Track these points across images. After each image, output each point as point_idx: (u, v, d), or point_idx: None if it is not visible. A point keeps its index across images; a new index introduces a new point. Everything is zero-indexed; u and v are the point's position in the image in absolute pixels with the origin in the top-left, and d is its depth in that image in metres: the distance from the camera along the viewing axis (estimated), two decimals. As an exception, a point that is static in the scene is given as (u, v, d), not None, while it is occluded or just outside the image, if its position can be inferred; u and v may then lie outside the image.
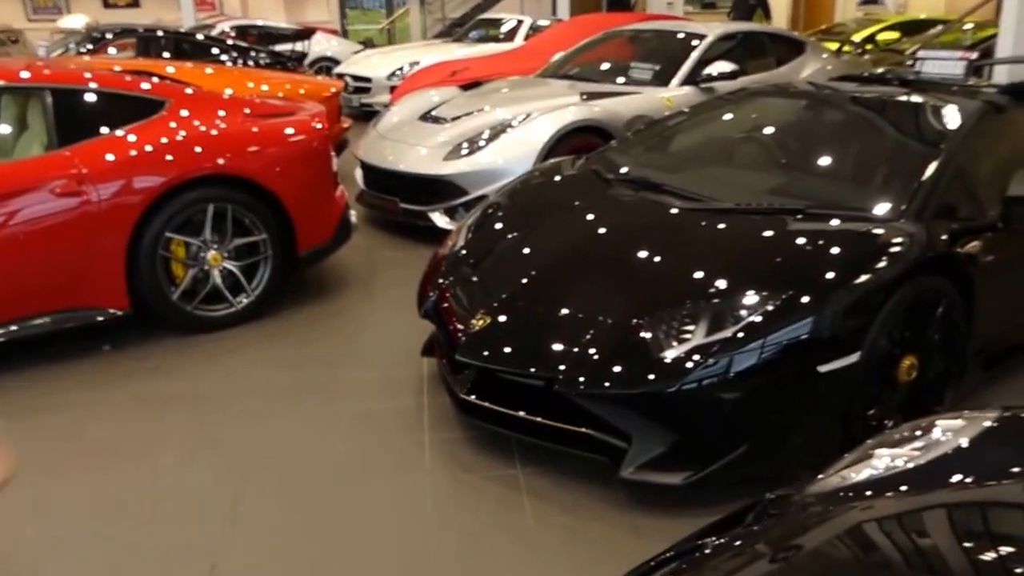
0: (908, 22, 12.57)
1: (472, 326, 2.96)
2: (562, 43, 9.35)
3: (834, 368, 2.54)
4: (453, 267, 3.39)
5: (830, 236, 2.81)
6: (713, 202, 3.20)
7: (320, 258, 4.66)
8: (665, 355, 2.54)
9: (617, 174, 3.64)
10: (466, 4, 18.72)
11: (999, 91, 3.72)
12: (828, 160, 3.57)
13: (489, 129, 5.57)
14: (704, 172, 3.68)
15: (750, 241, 2.87)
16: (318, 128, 4.56)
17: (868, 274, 2.64)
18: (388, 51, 12.73)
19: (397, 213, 5.72)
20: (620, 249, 3.05)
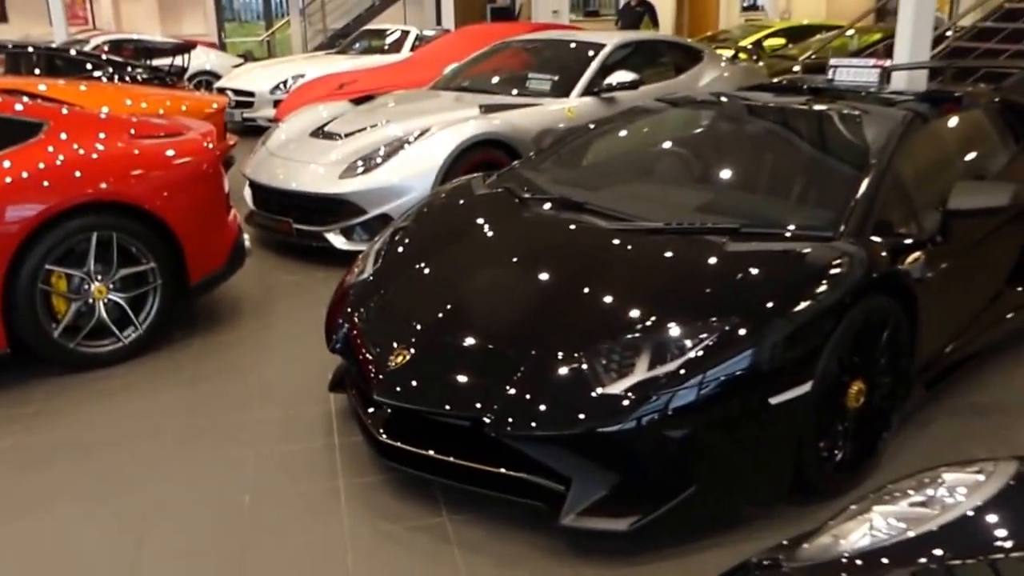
0: (792, 28, 13.02)
1: (389, 362, 2.74)
2: (451, 54, 9.20)
3: (786, 399, 2.44)
4: (363, 296, 3.16)
5: (772, 259, 2.72)
6: (641, 221, 3.08)
7: (213, 286, 4.32)
8: (606, 391, 2.38)
9: (533, 193, 3.48)
10: (347, 15, 18.37)
11: (917, 99, 3.77)
12: (757, 175, 3.51)
13: (385, 145, 5.34)
14: (626, 189, 3.56)
15: (687, 265, 2.76)
16: (208, 148, 4.24)
17: (816, 300, 2.54)
18: (270, 64, 12.28)
19: (290, 234, 5.42)
20: (546, 275, 2.89)
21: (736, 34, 13.98)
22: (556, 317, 2.67)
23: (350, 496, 2.85)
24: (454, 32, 10.84)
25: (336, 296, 3.37)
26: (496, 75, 6.95)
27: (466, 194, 3.67)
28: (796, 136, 3.64)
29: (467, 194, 3.67)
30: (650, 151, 3.90)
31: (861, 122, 3.50)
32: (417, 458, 2.70)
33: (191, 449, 3.16)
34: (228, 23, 20.13)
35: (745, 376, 2.40)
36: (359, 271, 3.41)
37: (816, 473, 2.65)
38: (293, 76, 10.82)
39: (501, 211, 3.40)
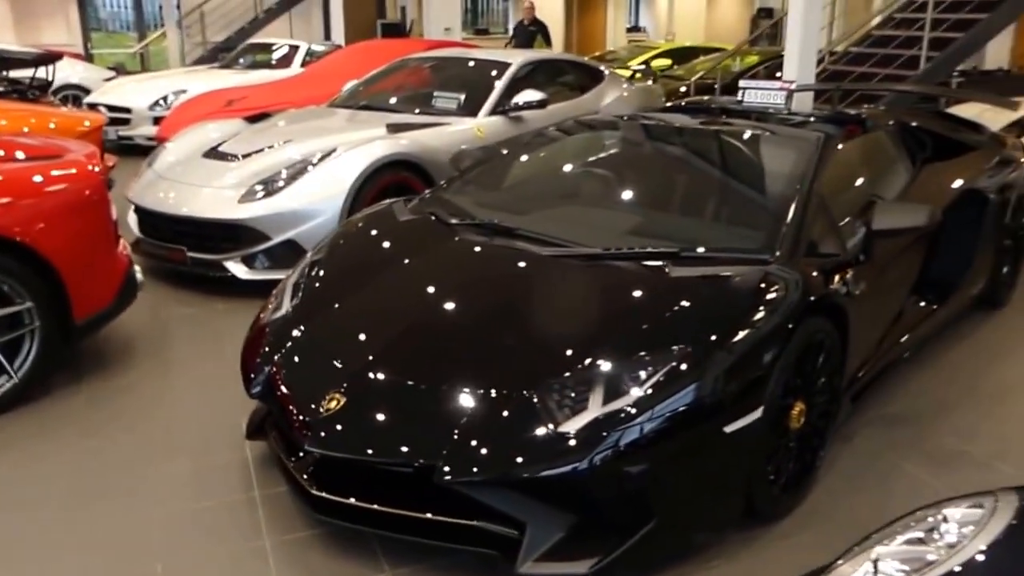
0: (677, 49, 13.37)
1: (320, 408, 2.51)
2: (346, 70, 8.94)
3: (740, 427, 2.38)
4: (283, 335, 2.92)
5: (717, 287, 2.66)
6: (577, 247, 2.97)
7: (101, 325, 3.95)
8: (561, 429, 2.26)
9: (461, 219, 3.33)
10: (229, 27, 17.73)
11: (824, 120, 3.83)
12: (686, 198, 3.47)
13: (287, 167, 5.07)
14: (555, 212, 3.46)
15: (631, 293, 2.67)
16: (93, 172, 3.87)
17: (764, 326, 2.51)
18: (147, 78, 11.64)
19: (185, 263, 5.05)
20: (486, 308, 2.74)
21: (623, 55, 14.27)
22: (501, 353, 2.54)
23: (279, 556, 2.60)
24: (348, 48, 10.58)
25: (252, 335, 3.11)
26: (399, 93, 6.76)
27: (389, 221, 3.48)
28: (721, 158, 3.64)
29: (390, 221, 3.48)
30: (576, 173, 3.82)
31: (781, 143, 3.54)
32: (353, 510, 2.49)
33: (85, 516, 2.83)
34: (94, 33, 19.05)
35: (700, 406, 2.34)
36: (275, 307, 3.16)
37: (763, 496, 2.63)
38: (174, 91, 10.27)
39: (429, 239, 3.23)
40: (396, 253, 3.19)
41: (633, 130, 3.90)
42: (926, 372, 3.86)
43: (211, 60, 16.12)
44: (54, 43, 15.05)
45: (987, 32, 8.30)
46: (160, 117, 9.82)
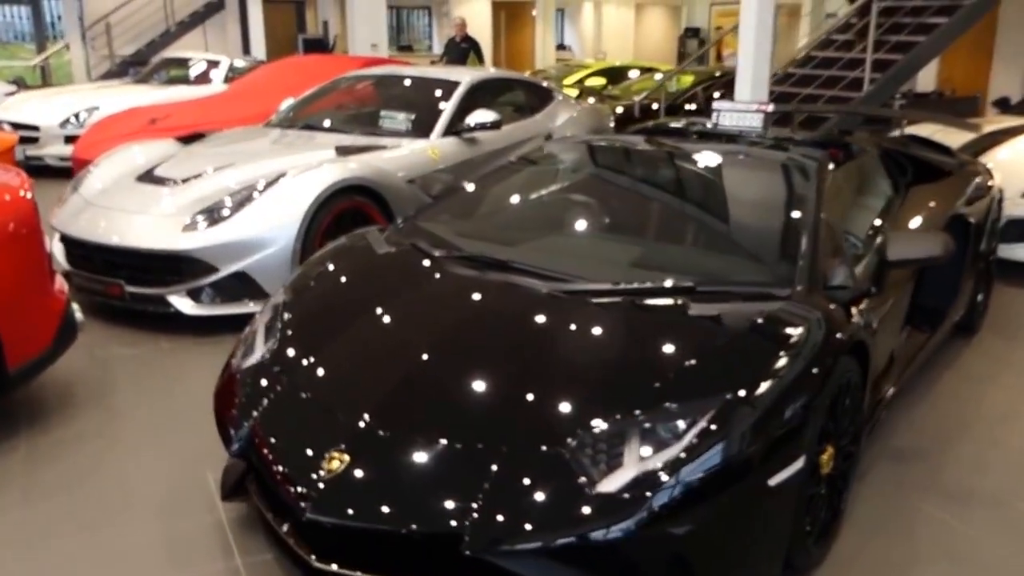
0: (610, 69, 13.45)
1: (320, 470, 2.29)
2: (275, 87, 8.65)
3: (783, 479, 2.27)
4: (262, 385, 2.67)
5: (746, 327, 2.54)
6: (581, 281, 2.83)
7: (38, 372, 3.59)
8: (600, 489, 2.10)
9: (446, 250, 3.14)
10: (138, 40, 17.07)
11: (811, 144, 3.80)
12: (689, 227, 3.37)
13: (234, 192, 4.77)
14: (548, 243, 3.31)
15: (657, 334, 2.53)
16: (24, 199, 3.54)
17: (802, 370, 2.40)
18: (55, 93, 11.04)
19: (122, 298, 4.70)
20: (493, 351, 2.56)
21: (553, 73, 14.28)
22: (520, 404, 2.35)
23: (272, 637, 2.36)
24: (275, 63, 10.25)
25: (223, 383, 2.85)
26: (341, 113, 6.53)
27: (366, 254, 3.26)
28: (717, 184, 3.55)
29: (368, 254, 3.26)
30: (564, 200, 3.68)
31: (777, 168, 3.47)
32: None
33: (42, 593, 2.52)
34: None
35: (743, 459, 2.21)
36: (246, 351, 2.92)
37: (799, 548, 2.52)
38: (86, 108, 9.76)
39: (415, 273, 3.04)
40: (381, 290, 2.98)
41: (619, 154, 3.79)
42: (920, 403, 3.84)
43: (120, 74, 15.47)
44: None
45: (928, 53, 8.57)
46: (72, 136, 9.31)
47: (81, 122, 9.55)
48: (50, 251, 3.69)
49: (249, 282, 4.61)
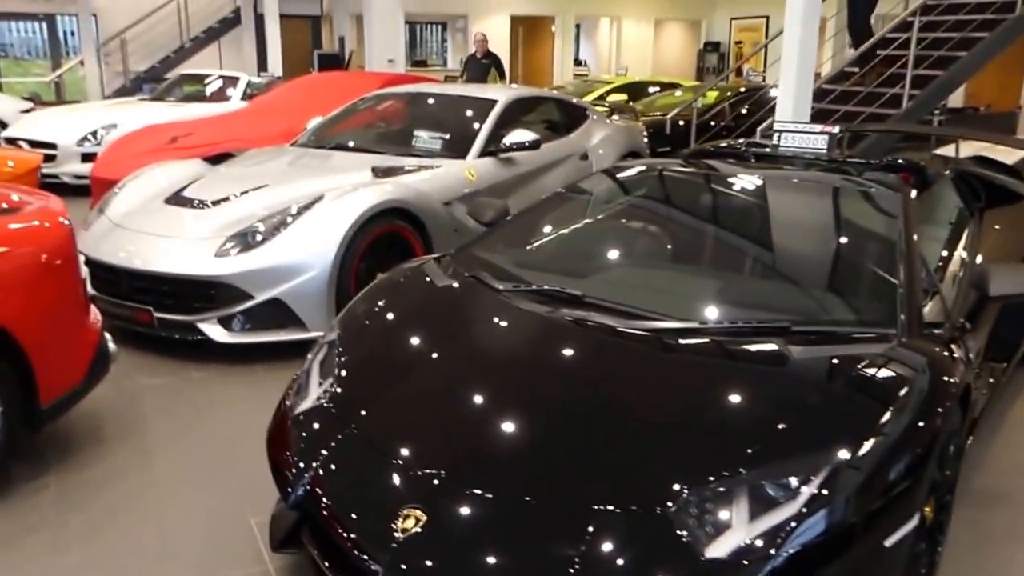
0: (630, 84, 13.31)
1: (393, 527, 2.11)
2: (297, 104, 8.55)
3: (899, 538, 2.09)
4: (323, 432, 2.50)
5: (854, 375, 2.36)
6: (664, 318, 2.65)
7: (70, 406, 3.43)
8: (709, 555, 1.92)
9: (513, 283, 2.97)
10: (151, 57, 17.06)
11: (882, 168, 3.63)
12: (771, 258, 3.19)
13: (269, 216, 4.62)
14: (619, 275, 3.14)
15: (758, 380, 2.35)
16: (62, 228, 3.39)
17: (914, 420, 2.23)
18: (72, 110, 10.98)
19: (151, 326, 4.54)
20: (577, 398, 2.38)
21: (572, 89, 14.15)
22: (615, 458, 2.17)
23: None
24: (297, 80, 10.14)
25: (276, 427, 2.68)
26: (373, 131, 6.39)
27: (424, 286, 3.10)
28: (799, 212, 3.37)
29: (425, 286, 3.10)
30: (630, 228, 3.50)
31: (859, 195, 3.29)
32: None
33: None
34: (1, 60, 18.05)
35: (860, 519, 2.03)
36: (300, 393, 2.75)
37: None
38: (104, 126, 9.69)
39: (480, 309, 2.87)
40: (446, 327, 2.81)
41: (686, 180, 3.62)
42: (993, 441, 3.65)
43: (133, 90, 15.44)
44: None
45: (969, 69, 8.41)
46: (90, 154, 9.21)
47: (99, 140, 9.46)
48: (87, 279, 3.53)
49: (284, 309, 4.45)
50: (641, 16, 19.51)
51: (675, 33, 20.65)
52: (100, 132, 9.57)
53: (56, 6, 16.75)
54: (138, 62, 16.90)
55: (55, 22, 17.39)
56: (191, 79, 12.20)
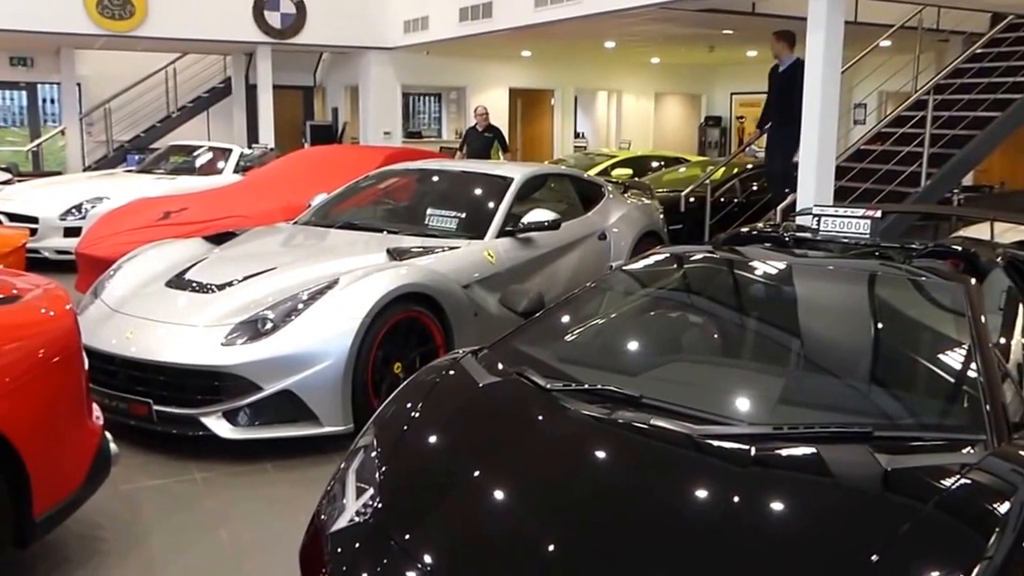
0: (635, 158, 13.41)
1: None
2: (297, 179, 8.51)
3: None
4: (364, 550, 2.31)
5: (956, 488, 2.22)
6: (731, 422, 2.51)
7: (66, 516, 3.22)
8: None
9: (562, 382, 2.82)
10: (136, 126, 17.12)
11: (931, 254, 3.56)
12: (836, 354, 3.06)
13: (280, 301, 4.47)
14: (674, 372, 3.01)
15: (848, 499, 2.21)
16: (65, 318, 3.24)
17: (1020, 539, 2.08)
18: (53, 183, 10.93)
19: (149, 420, 4.34)
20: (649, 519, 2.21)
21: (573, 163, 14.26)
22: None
23: None
24: (295, 154, 10.17)
25: (311, 546, 2.49)
26: (383, 209, 6.33)
27: (465, 384, 2.95)
28: (861, 304, 3.27)
29: (467, 384, 2.95)
30: (679, 320, 3.38)
31: (927, 288, 3.20)
32: None
33: None
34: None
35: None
36: (335, 504, 2.56)
37: None
38: (90, 199, 9.57)
39: (531, 411, 2.72)
40: (493, 433, 2.66)
41: (734, 267, 3.52)
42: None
43: (116, 161, 15.43)
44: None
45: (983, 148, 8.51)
46: (74, 228, 9.10)
47: (83, 213, 9.34)
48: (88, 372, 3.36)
49: (295, 402, 4.28)
50: (641, 90, 19.85)
51: (675, 107, 20.98)
52: (85, 206, 9.45)
53: (39, 75, 16.85)
54: (122, 131, 16.95)
55: (36, 90, 17.48)
56: (180, 150, 12.19)
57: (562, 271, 5.94)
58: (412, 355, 4.68)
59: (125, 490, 3.92)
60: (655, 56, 18.15)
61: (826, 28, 6.82)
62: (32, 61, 16.63)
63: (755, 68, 17.76)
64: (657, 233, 7.22)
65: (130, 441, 4.39)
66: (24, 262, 5.87)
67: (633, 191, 7.96)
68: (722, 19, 11.54)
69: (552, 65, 17.77)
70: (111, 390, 4.42)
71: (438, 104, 20.77)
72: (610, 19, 11.03)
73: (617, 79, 19.32)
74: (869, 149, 9.48)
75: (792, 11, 9.39)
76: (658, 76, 19.82)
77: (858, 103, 14.24)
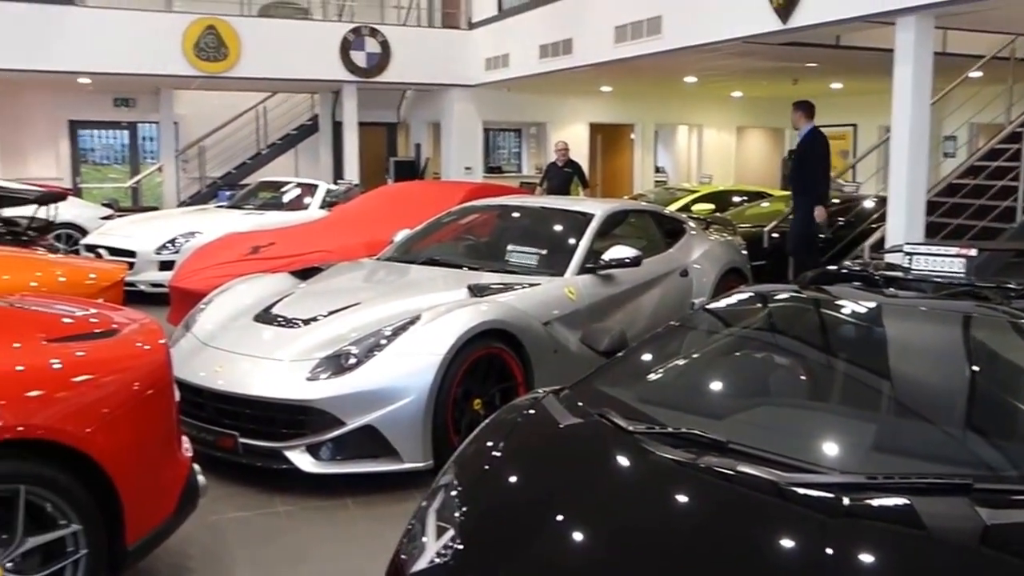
0: (716, 193, 13.25)
1: None
2: (381, 214, 8.63)
3: None
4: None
5: None
6: (823, 471, 2.42)
7: (156, 544, 3.30)
8: None
9: (643, 424, 2.77)
10: (228, 163, 17.73)
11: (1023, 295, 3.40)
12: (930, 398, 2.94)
13: (364, 336, 4.53)
14: (764, 417, 2.93)
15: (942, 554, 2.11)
16: (159, 351, 3.34)
17: None
18: (151, 218, 11.34)
19: (235, 452, 4.44)
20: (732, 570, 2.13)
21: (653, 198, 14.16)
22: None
23: None
24: (379, 190, 10.36)
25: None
26: (463, 245, 6.37)
27: (546, 425, 2.92)
28: (959, 348, 3.13)
29: (548, 425, 2.92)
30: (768, 362, 3.30)
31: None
32: None
33: None
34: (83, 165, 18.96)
35: None
36: (414, 543, 2.55)
37: None
38: (183, 233, 9.92)
39: (614, 454, 2.67)
40: (577, 475, 2.61)
41: (824, 307, 3.43)
42: None
43: (209, 196, 15.98)
44: (42, 177, 14.87)
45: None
46: (168, 262, 9.42)
47: (177, 247, 9.67)
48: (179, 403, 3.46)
49: (377, 438, 4.32)
50: (722, 124, 19.67)
51: (757, 141, 20.71)
52: (179, 240, 9.80)
53: (140, 114, 17.62)
54: (215, 168, 17.57)
55: (136, 129, 18.28)
56: (268, 186, 12.55)
57: (643, 308, 5.88)
58: (492, 391, 4.69)
59: (212, 521, 3.99)
60: (736, 90, 17.98)
61: (914, 60, 6.67)
62: (134, 102, 17.41)
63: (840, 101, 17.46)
64: (740, 270, 7.10)
65: (216, 472, 4.49)
66: (122, 296, 6.05)
67: (715, 227, 7.87)
68: (806, 52, 11.38)
69: (632, 100, 17.77)
70: (199, 422, 4.54)
71: (518, 139, 20.96)
72: (691, 54, 11.00)
73: (698, 113, 19.19)
74: (961, 183, 9.17)
75: (878, 43, 9.21)
76: (740, 110, 19.62)
77: (948, 135, 13.86)
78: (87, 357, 3.15)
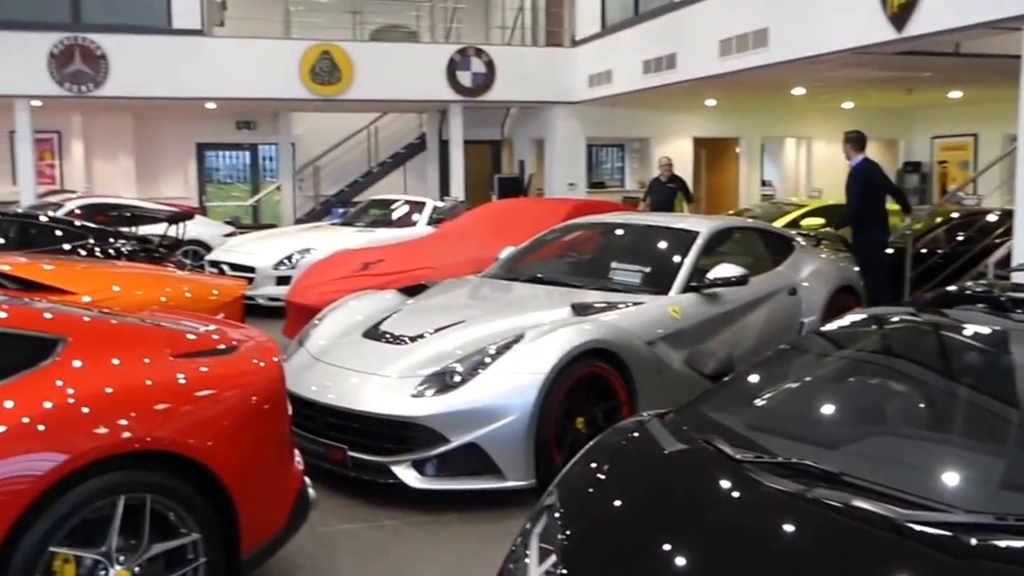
0: (828, 207, 12.79)
1: None
2: (486, 231, 8.68)
3: None
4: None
5: None
6: (944, 509, 2.27)
7: (269, 555, 3.38)
8: None
9: (751, 452, 2.67)
10: (340, 181, 18.22)
11: None
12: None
13: (469, 354, 4.55)
14: (880, 448, 2.78)
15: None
16: (273, 368, 3.43)
17: None
18: (270, 235, 11.75)
19: (344, 465, 4.51)
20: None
21: (760, 212, 13.78)
22: None
23: None
24: (483, 207, 10.46)
25: (493, 610, 2.47)
26: (566, 263, 6.34)
27: (651, 450, 2.85)
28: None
29: (652, 450, 2.85)
30: (885, 390, 3.14)
31: None
32: None
33: None
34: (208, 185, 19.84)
35: None
36: (519, 566, 2.53)
37: None
38: (299, 250, 10.23)
39: (721, 483, 2.58)
40: (682, 503, 2.54)
41: (946, 332, 3.24)
42: None
43: (322, 213, 16.46)
44: (172, 196, 15.64)
45: None
46: (285, 277, 9.73)
47: (293, 263, 9.98)
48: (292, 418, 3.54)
49: (480, 455, 4.32)
50: (832, 136, 18.97)
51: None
52: (295, 256, 10.11)
53: (260, 136, 18.33)
54: (328, 186, 18.10)
55: (257, 150, 19.01)
56: (378, 204, 12.83)
57: (750, 328, 5.71)
58: (595, 411, 4.63)
59: (321, 532, 4.07)
60: (847, 101, 17.38)
61: (1042, 68, 6.28)
62: (255, 124, 18.13)
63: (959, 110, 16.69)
64: (852, 288, 6.83)
65: (324, 484, 4.58)
66: (242, 311, 6.25)
67: (826, 242, 7.60)
68: (921, 61, 10.92)
69: (737, 113, 17.40)
70: (310, 435, 4.64)
71: (621, 154, 20.82)
72: (799, 66, 10.71)
73: (806, 125, 18.64)
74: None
75: (1002, 49, 8.75)
76: (851, 121, 18.84)
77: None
78: (209, 373, 3.26)
